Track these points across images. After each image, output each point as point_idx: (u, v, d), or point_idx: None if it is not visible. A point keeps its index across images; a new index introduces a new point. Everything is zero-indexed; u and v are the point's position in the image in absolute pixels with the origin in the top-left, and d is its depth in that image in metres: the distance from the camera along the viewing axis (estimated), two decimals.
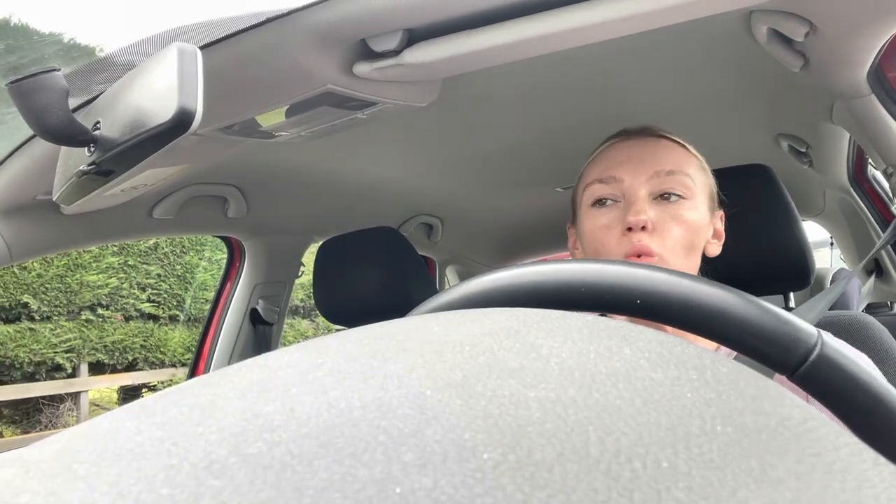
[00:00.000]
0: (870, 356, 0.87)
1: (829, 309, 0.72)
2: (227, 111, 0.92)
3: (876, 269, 1.89)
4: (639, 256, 0.71)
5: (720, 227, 0.81)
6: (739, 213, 0.84)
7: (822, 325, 0.89)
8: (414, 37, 0.80)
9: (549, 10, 0.73)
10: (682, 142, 0.80)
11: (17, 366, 6.01)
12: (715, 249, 0.79)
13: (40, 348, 6.06)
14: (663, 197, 0.74)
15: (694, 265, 0.76)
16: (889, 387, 0.32)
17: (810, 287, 0.98)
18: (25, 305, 6.01)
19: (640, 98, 1.27)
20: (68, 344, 6.25)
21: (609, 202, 0.76)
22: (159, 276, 6.86)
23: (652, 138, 0.79)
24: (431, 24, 0.77)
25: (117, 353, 6.60)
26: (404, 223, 1.95)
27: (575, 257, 0.86)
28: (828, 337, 0.33)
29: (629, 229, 0.72)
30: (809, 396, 0.34)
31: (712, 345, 0.70)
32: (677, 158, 0.77)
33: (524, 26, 0.74)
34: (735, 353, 0.62)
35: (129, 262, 6.63)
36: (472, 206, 2.01)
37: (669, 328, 0.64)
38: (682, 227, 0.74)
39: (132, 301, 6.68)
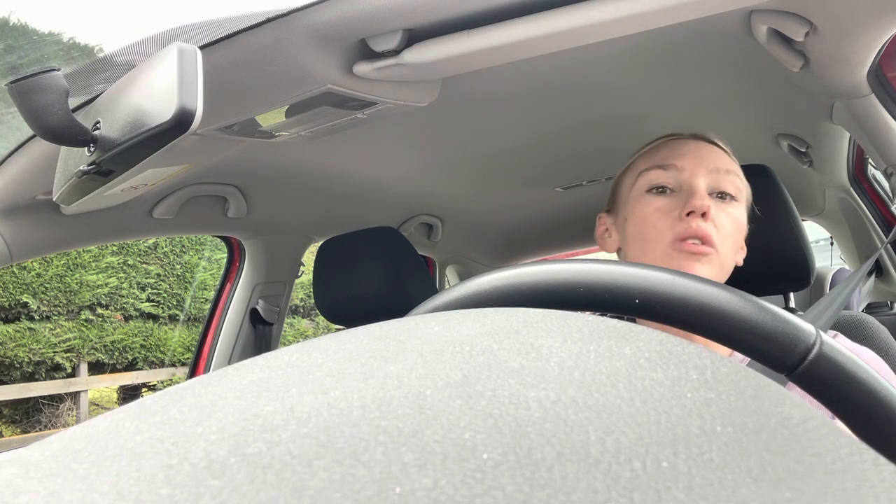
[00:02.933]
0: None
1: None
2: (227, 111, 0.92)
3: (876, 269, 1.89)
4: (695, 243, 0.72)
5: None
6: None
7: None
8: (414, 37, 0.80)
9: (549, 10, 0.73)
10: (727, 149, 0.83)
11: (17, 365, 6.01)
12: (741, 259, 0.80)
13: (40, 348, 6.06)
14: (719, 195, 0.76)
15: (731, 267, 0.77)
16: (888, 385, 0.32)
17: (810, 287, 0.98)
18: (25, 305, 6.01)
19: (640, 98, 1.27)
20: (68, 343, 6.24)
21: (667, 190, 0.77)
22: (159, 275, 6.85)
23: (705, 141, 0.81)
24: (431, 24, 0.77)
25: (117, 353, 6.59)
26: (404, 223, 1.95)
27: (603, 245, 0.87)
28: (826, 336, 0.33)
29: (689, 214, 0.73)
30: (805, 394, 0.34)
31: (727, 350, 0.70)
32: (730, 162, 0.80)
33: (524, 26, 0.74)
34: (749, 360, 0.62)
35: (129, 262, 6.63)
36: (472, 206, 2.01)
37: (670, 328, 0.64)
38: (734, 226, 0.76)
39: (132, 301, 6.68)
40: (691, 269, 0.72)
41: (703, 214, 0.72)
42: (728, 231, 0.75)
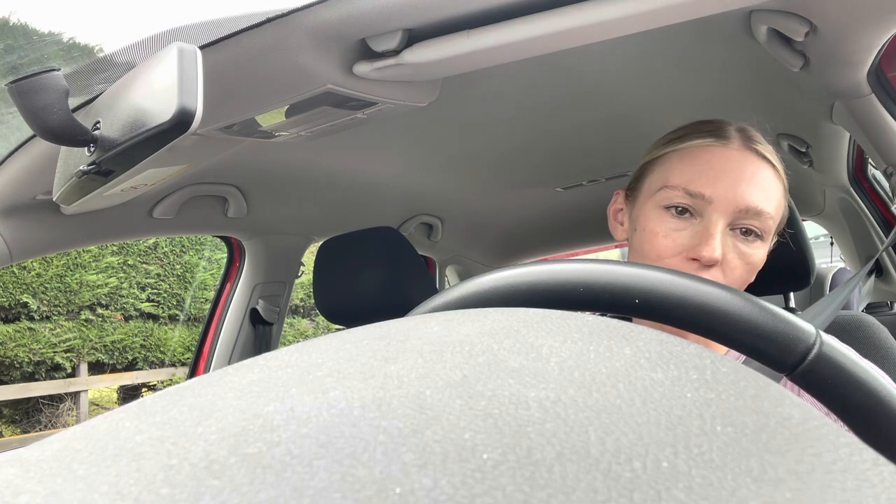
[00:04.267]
0: (870, 356, 0.87)
1: None
2: (227, 111, 0.92)
3: (876, 269, 1.89)
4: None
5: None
6: None
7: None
8: (414, 37, 0.80)
9: (549, 10, 0.73)
10: (775, 162, 0.75)
11: (17, 365, 6.01)
12: (752, 278, 0.75)
13: (40, 348, 6.06)
14: (742, 232, 0.71)
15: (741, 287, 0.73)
16: (888, 386, 0.32)
17: (810, 287, 0.98)
18: (25, 305, 6.01)
19: (640, 98, 1.27)
20: (68, 343, 6.24)
21: (686, 212, 0.71)
22: (159, 275, 6.85)
23: (751, 154, 0.73)
24: (431, 24, 0.77)
25: (117, 353, 6.59)
26: (404, 223, 1.95)
27: (613, 228, 0.83)
28: (826, 336, 0.33)
29: (695, 259, 0.69)
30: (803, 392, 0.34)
31: (721, 349, 0.69)
32: (769, 191, 0.72)
33: (524, 26, 0.74)
34: (744, 357, 0.62)
35: (129, 262, 6.63)
36: (472, 206, 2.01)
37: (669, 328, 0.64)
38: (747, 268, 0.71)
39: (132, 300, 6.68)
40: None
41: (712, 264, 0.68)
42: (739, 273, 0.70)
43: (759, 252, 0.71)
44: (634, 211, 0.78)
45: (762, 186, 0.72)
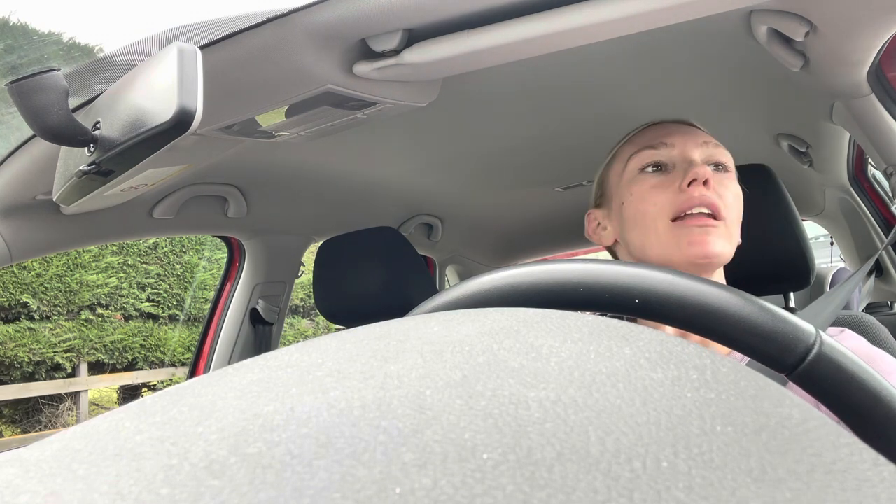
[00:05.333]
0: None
1: None
2: (227, 111, 0.92)
3: (876, 269, 1.90)
4: (701, 213, 0.70)
5: None
6: None
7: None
8: (414, 37, 0.80)
9: (549, 10, 0.73)
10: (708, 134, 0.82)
11: (17, 365, 6.01)
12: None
13: (40, 348, 6.06)
14: (714, 166, 0.75)
15: (737, 243, 0.75)
16: (888, 385, 0.32)
17: (810, 287, 0.98)
18: (25, 305, 6.01)
19: (639, 98, 1.27)
20: (68, 343, 6.24)
21: (662, 167, 0.75)
22: (159, 275, 6.86)
23: (686, 124, 0.81)
24: (431, 23, 0.77)
25: (117, 353, 6.60)
26: (404, 223, 1.95)
27: (599, 241, 0.85)
28: (826, 336, 0.33)
29: (690, 184, 0.71)
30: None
31: (724, 350, 0.69)
32: (715, 141, 0.79)
33: (524, 26, 0.74)
34: (747, 359, 0.62)
35: (129, 262, 6.63)
36: (472, 206, 2.01)
37: (670, 328, 0.64)
38: (734, 199, 0.74)
39: (132, 301, 6.68)
40: (703, 241, 0.69)
41: (705, 182, 0.71)
42: (731, 202, 0.73)
43: (735, 185, 0.76)
44: (613, 203, 0.81)
45: (707, 135, 0.80)
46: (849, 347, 0.33)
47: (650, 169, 0.76)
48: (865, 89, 0.96)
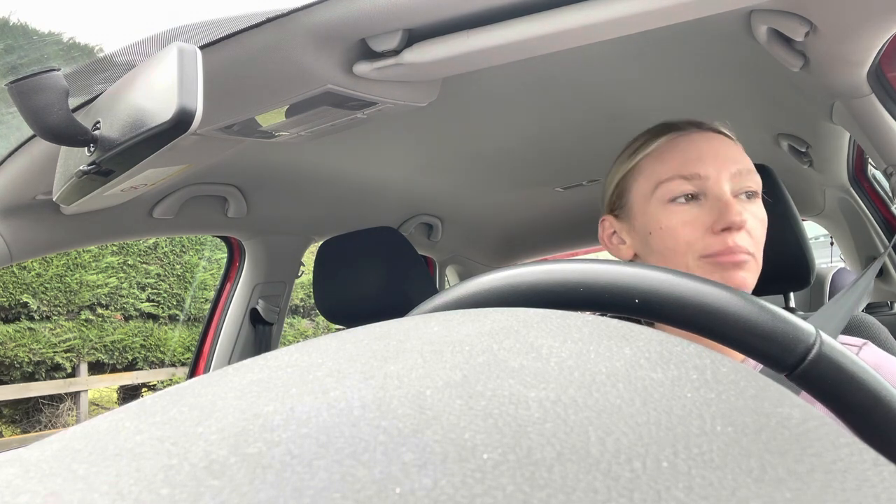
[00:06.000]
0: None
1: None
2: (227, 111, 0.92)
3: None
4: (734, 256, 0.70)
5: None
6: None
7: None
8: (414, 37, 0.80)
9: (549, 10, 0.73)
10: (730, 133, 0.80)
11: (17, 365, 6.01)
12: None
13: (40, 348, 6.06)
14: (745, 196, 0.74)
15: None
16: (888, 385, 0.32)
17: (810, 287, 0.98)
18: (25, 305, 6.01)
19: (640, 98, 1.27)
20: (68, 343, 6.24)
21: (692, 198, 0.74)
22: (159, 275, 6.86)
23: (713, 133, 0.78)
24: (431, 23, 0.77)
25: (117, 353, 6.60)
26: (404, 223, 1.95)
27: (615, 251, 0.83)
28: (826, 336, 0.33)
29: (725, 229, 0.70)
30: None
31: (739, 356, 0.69)
32: (743, 153, 0.76)
33: (524, 26, 0.74)
34: (761, 367, 0.62)
35: (129, 262, 6.63)
36: (472, 206, 2.01)
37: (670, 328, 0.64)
38: (761, 226, 0.74)
39: (132, 301, 6.69)
40: (735, 277, 0.70)
41: (740, 227, 0.70)
42: (759, 233, 0.73)
43: (761, 210, 0.75)
44: (636, 224, 0.78)
45: (737, 150, 0.77)
46: (868, 363, 0.33)
47: (681, 200, 0.73)
48: (865, 89, 0.96)
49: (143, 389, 6.88)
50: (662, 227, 0.74)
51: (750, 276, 0.71)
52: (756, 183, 0.75)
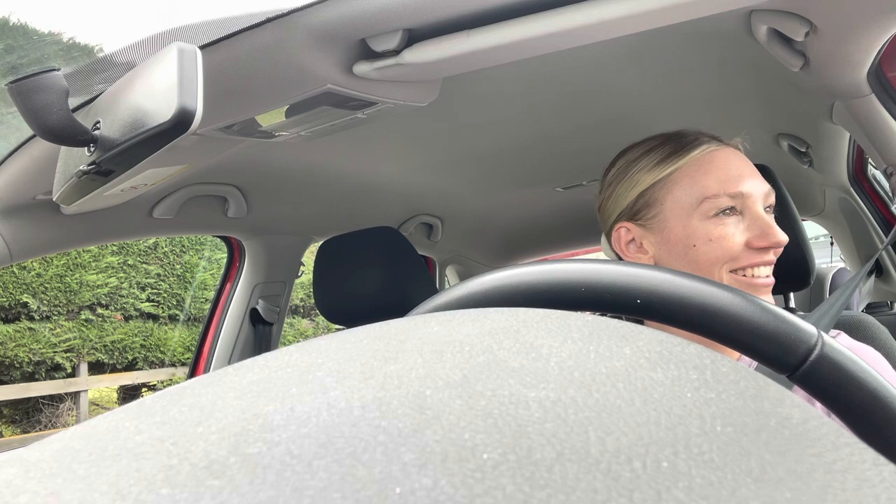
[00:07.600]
0: None
1: None
2: (227, 111, 0.92)
3: (876, 268, 1.90)
4: (766, 273, 0.77)
5: None
6: None
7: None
8: (414, 37, 0.80)
9: (549, 10, 0.73)
10: (741, 148, 0.84)
11: (17, 365, 6.01)
12: None
13: (40, 348, 6.06)
14: (768, 211, 0.80)
15: None
16: (889, 386, 0.32)
17: (810, 287, 0.98)
18: (25, 305, 6.01)
19: (640, 98, 1.27)
20: (68, 343, 6.24)
21: (731, 213, 0.78)
22: (159, 275, 6.86)
23: (738, 150, 0.82)
24: (431, 23, 0.77)
25: (117, 353, 6.60)
26: (404, 223, 1.95)
27: (632, 259, 0.82)
28: (828, 337, 0.33)
29: (768, 247, 0.76)
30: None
31: (735, 354, 0.70)
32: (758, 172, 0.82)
33: (524, 26, 0.74)
34: (756, 364, 0.62)
35: (129, 262, 6.63)
36: (472, 206, 2.01)
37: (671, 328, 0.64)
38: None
39: (132, 300, 6.69)
40: (766, 286, 0.76)
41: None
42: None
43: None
44: (673, 232, 0.78)
45: (757, 171, 0.81)
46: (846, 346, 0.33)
47: (724, 213, 0.77)
48: (865, 89, 0.96)
49: (143, 389, 6.88)
50: (712, 240, 0.76)
51: (771, 278, 0.78)
52: (773, 201, 0.80)
